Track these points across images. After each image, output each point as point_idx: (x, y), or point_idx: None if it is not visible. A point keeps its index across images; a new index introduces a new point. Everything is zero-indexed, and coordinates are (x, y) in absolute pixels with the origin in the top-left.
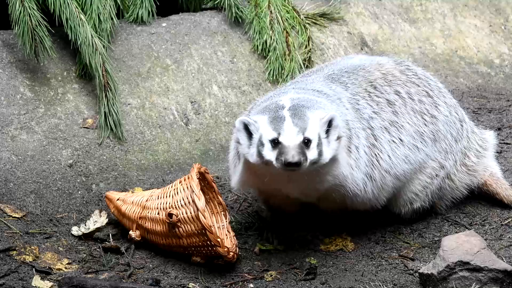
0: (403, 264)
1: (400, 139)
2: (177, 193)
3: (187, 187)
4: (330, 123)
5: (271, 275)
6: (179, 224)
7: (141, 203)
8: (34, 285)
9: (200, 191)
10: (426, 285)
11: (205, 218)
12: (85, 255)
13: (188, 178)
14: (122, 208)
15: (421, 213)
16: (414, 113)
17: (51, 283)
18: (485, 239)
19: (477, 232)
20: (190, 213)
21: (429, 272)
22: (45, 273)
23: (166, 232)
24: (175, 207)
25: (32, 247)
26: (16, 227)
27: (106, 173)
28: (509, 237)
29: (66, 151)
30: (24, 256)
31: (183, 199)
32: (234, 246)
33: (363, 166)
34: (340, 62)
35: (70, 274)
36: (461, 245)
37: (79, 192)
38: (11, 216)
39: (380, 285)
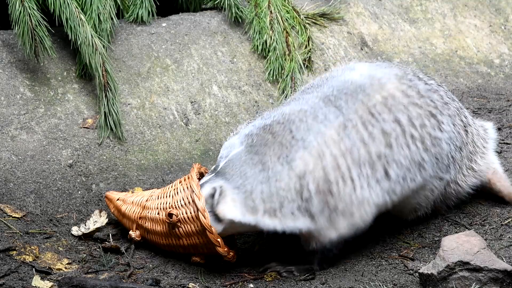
0: (403, 264)
1: (386, 173)
2: (177, 193)
3: (187, 187)
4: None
5: (271, 275)
6: (179, 224)
7: (141, 203)
8: (34, 285)
9: (200, 191)
10: (426, 285)
11: (205, 218)
12: (85, 255)
13: (188, 178)
14: (122, 208)
15: (426, 216)
16: (413, 141)
17: (51, 283)
18: (485, 239)
19: (477, 232)
20: (190, 213)
21: (429, 272)
22: (45, 273)
23: (166, 232)
24: (175, 207)
25: (32, 247)
26: (16, 227)
27: (106, 173)
28: (509, 237)
29: (66, 151)
30: (24, 256)
31: (183, 199)
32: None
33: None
34: (340, 76)
35: (70, 274)
36: (461, 245)
37: (79, 192)
38: (11, 216)
39: (380, 285)
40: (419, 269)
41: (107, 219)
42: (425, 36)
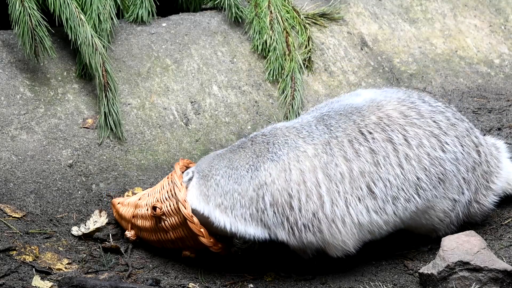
0: (403, 264)
1: (371, 191)
2: (163, 188)
3: (171, 181)
4: None
5: (271, 275)
6: (164, 217)
7: (134, 202)
8: (34, 285)
9: (183, 184)
10: (426, 285)
11: (185, 208)
12: (85, 255)
13: (172, 172)
14: (120, 210)
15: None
16: (407, 160)
17: (51, 283)
18: (485, 239)
19: (477, 232)
20: (173, 205)
21: (429, 272)
22: (45, 273)
23: (154, 227)
24: (160, 201)
25: (32, 247)
26: (16, 227)
27: (106, 173)
28: (509, 237)
29: (66, 151)
30: (24, 256)
31: (167, 193)
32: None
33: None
34: (344, 101)
35: (70, 274)
36: (461, 245)
37: (79, 192)
38: (11, 216)
39: (380, 285)
40: (419, 269)
41: (107, 219)
42: (425, 36)
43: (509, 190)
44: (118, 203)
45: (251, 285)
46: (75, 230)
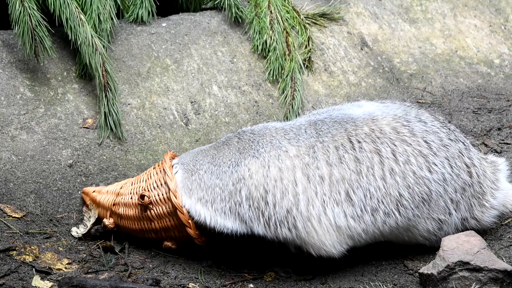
0: (403, 264)
1: (348, 197)
2: (150, 177)
3: (160, 171)
4: None
5: (271, 275)
6: (151, 206)
7: (115, 191)
8: (34, 285)
9: (174, 174)
10: (426, 285)
11: (176, 198)
12: (85, 255)
13: (162, 162)
14: (97, 198)
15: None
16: (392, 175)
17: (51, 283)
18: (485, 239)
19: (477, 232)
20: (162, 194)
21: (429, 272)
22: (45, 273)
23: (138, 216)
24: (148, 190)
25: (32, 247)
26: (16, 227)
27: (106, 173)
28: (509, 237)
29: (66, 151)
30: (24, 256)
31: (156, 182)
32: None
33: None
34: (345, 110)
35: (70, 274)
36: (461, 245)
37: (79, 192)
38: (11, 216)
39: (380, 285)
40: (419, 269)
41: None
42: (425, 36)
43: (505, 212)
44: (94, 192)
45: (251, 285)
46: (74, 231)
